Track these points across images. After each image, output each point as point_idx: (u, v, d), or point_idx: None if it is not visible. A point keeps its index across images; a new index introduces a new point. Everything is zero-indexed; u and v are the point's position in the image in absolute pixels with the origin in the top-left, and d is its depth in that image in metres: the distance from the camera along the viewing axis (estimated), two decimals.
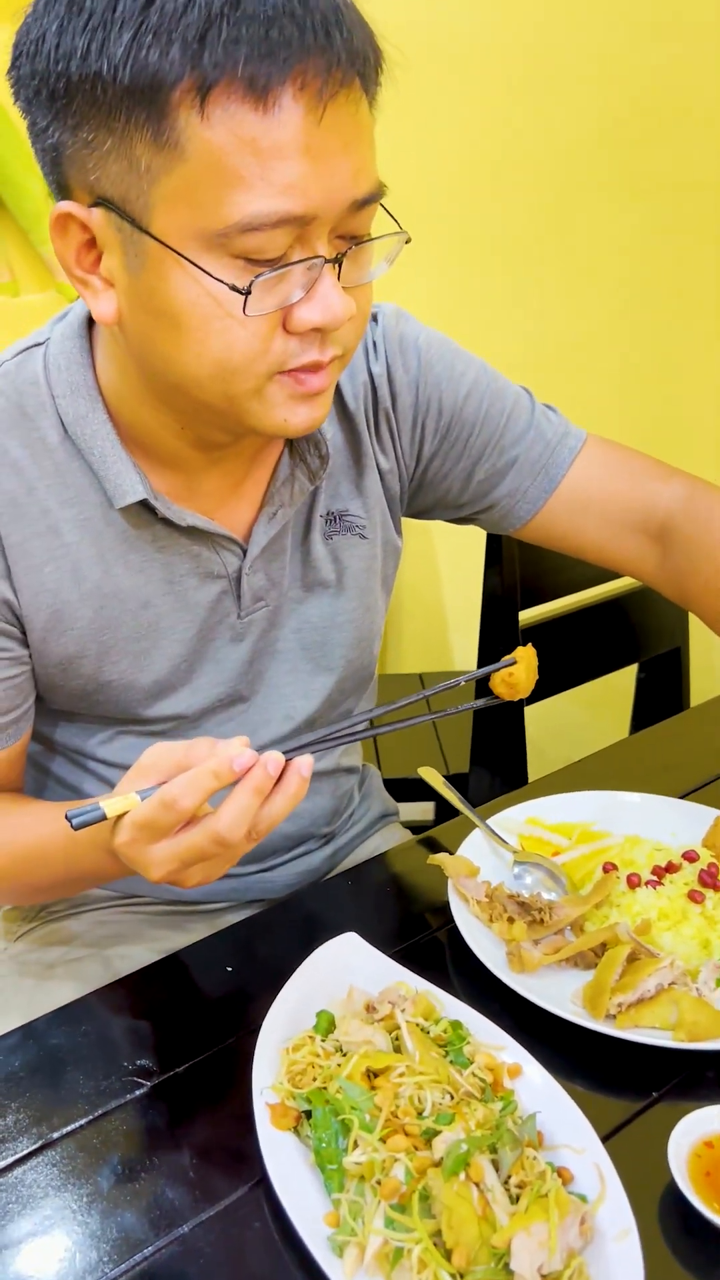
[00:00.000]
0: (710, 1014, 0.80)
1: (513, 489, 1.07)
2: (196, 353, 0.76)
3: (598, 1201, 0.67)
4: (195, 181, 0.69)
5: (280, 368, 0.77)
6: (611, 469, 1.07)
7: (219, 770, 0.72)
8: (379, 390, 1.01)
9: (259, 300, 0.73)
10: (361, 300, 0.80)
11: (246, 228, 0.70)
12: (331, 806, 1.20)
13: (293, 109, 0.67)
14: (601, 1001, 0.81)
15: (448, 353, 1.04)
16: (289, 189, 0.69)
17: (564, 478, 1.07)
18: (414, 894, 1.00)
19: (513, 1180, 0.67)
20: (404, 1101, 0.71)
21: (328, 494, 1.02)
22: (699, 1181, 0.69)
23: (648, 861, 0.95)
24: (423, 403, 1.03)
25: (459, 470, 1.07)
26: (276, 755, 0.73)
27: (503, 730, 1.61)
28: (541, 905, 0.90)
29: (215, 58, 0.65)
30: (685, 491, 1.05)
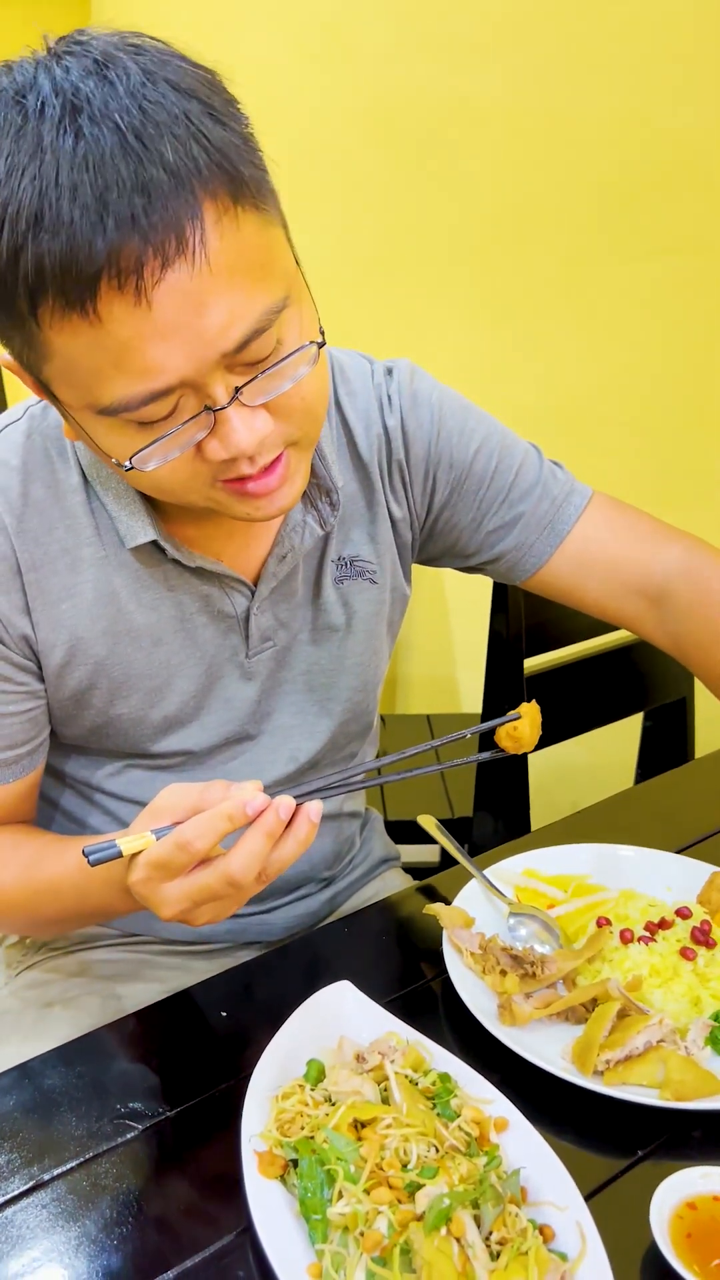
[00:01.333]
0: (697, 1074, 0.81)
1: (519, 543, 1.10)
2: (135, 482, 0.81)
3: (578, 1260, 0.68)
4: (65, 373, 0.72)
5: (216, 479, 0.79)
6: (614, 529, 1.10)
7: (233, 813, 0.74)
8: (393, 442, 1.04)
9: (159, 454, 0.75)
10: (296, 399, 0.78)
11: (120, 409, 0.71)
12: (333, 850, 1.21)
13: (118, 309, 0.67)
14: (590, 1058, 0.82)
15: (459, 409, 1.07)
16: (145, 372, 0.69)
17: (568, 534, 1.09)
18: (410, 942, 1.01)
19: (494, 1236, 0.67)
20: (389, 1153, 0.72)
21: (340, 539, 1.04)
22: (680, 1243, 0.69)
23: (641, 917, 0.96)
24: (435, 456, 1.06)
25: (468, 522, 1.09)
26: (288, 800, 0.76)
27: (506, 776, 1.62)
28: (534, 959, 0.91)
29: (30, 280, 0.67)
30: (684, 554, 1.07)
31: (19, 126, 0.66)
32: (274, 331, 0.73)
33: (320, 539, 1.03)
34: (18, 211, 0.65)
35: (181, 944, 1.16)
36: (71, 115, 0.65)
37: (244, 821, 0.74)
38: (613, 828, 1.16)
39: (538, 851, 1.09)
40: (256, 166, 0.72)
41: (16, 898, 0.95)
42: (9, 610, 0.92)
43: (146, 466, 0.75)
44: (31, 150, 0.65)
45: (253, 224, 0.71)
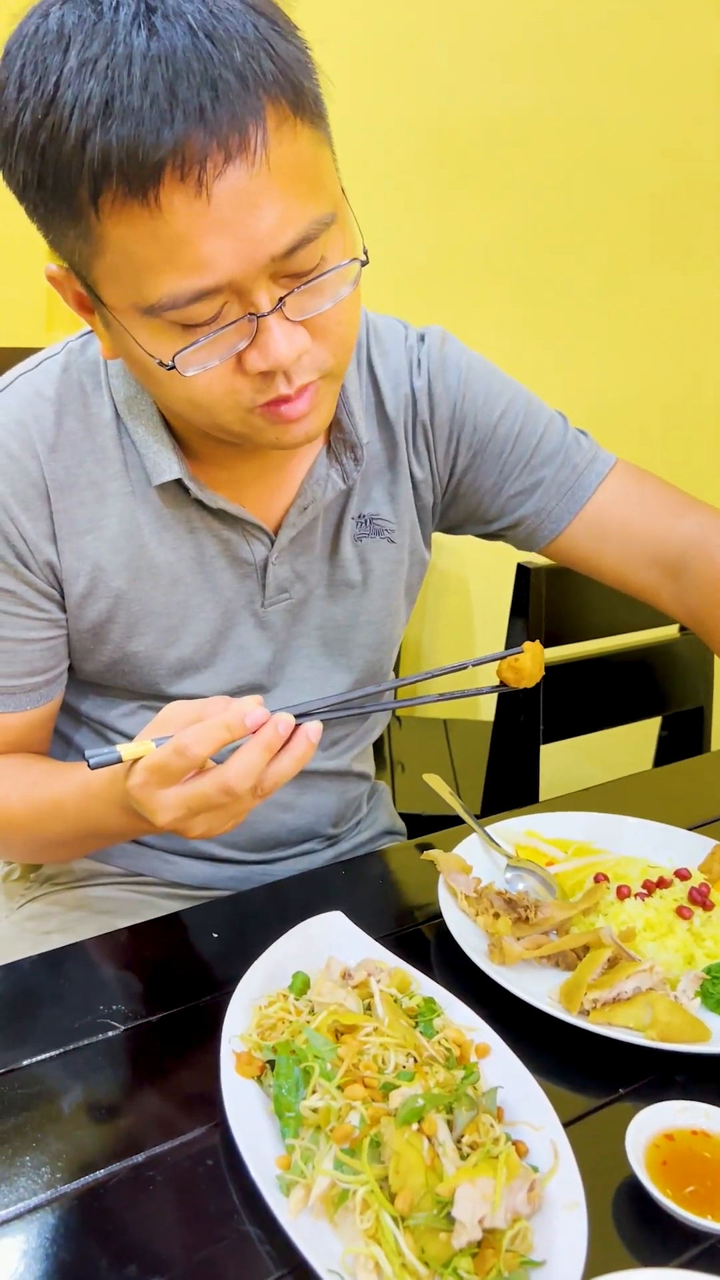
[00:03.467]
0: (684, 1018, 0.80)
1: (539, 508, 1.10)
2: (170, 395, 0.81)
3: (550, 1173, 0.67)
4: (116, 268, 0.73)
5: (253, 404, 0.80)
6: (634, 499, 1.10)
7: (231, 723, 0.75)
8: (419, 404, 1.06)
9: (200, 360, 0.76)
10: (331, 323, 0.79)
11: (168, 306, 0.73)
12: (338, 807, 1.22)
13: (178, 199, 0.68)
14: (577, 996, 0.81)
15: (487, 373, 1.09)
16: (197, 267, 0.71)
17: (588, 501, 1.09)
18: (405, 888, 1.01)
19: (465, 1139, 0.67)
20: (367, 1058, 0.71)
21: (361, 497, 1.05)
22: (655, 1170, 0.69)
23: (639, 876, 0.96)
24: (459, 418, 1.07)
25: (489, 486, 1.10)
26: (287, 716, 0.76)
27: (516, 775, 1.61)
28: (528, 904, 0.91)
29: (95, 166, 0.69)
30: (701, 525, 1.07)
31: (93, 23, 0.68)
32: (319, 245, 0.75)
33: (342, 494, 1.04)
34: (88, 100, 0.67)
35: (184, 887, 1.16)
36: (146, 13, 0.68)
37: (243, 733, 0.75)
38: (622, 804, 1.15)
39: (541, 815, 1.09)
40: (315, 84, 0.75)
41: (20, 816, 0.96)
42: (36, 537, 0.93)
43: (187, 371, 0.77)
44: (104, 44, 0.67)
45: (308, 137, 0.73)
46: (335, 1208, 0.64)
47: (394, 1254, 0.61)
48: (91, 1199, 0.67)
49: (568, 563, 1.13)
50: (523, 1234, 0.63)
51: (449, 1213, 0.61)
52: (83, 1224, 0.65)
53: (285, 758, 0.77)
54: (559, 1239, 0.63)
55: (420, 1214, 0.62)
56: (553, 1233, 0.64)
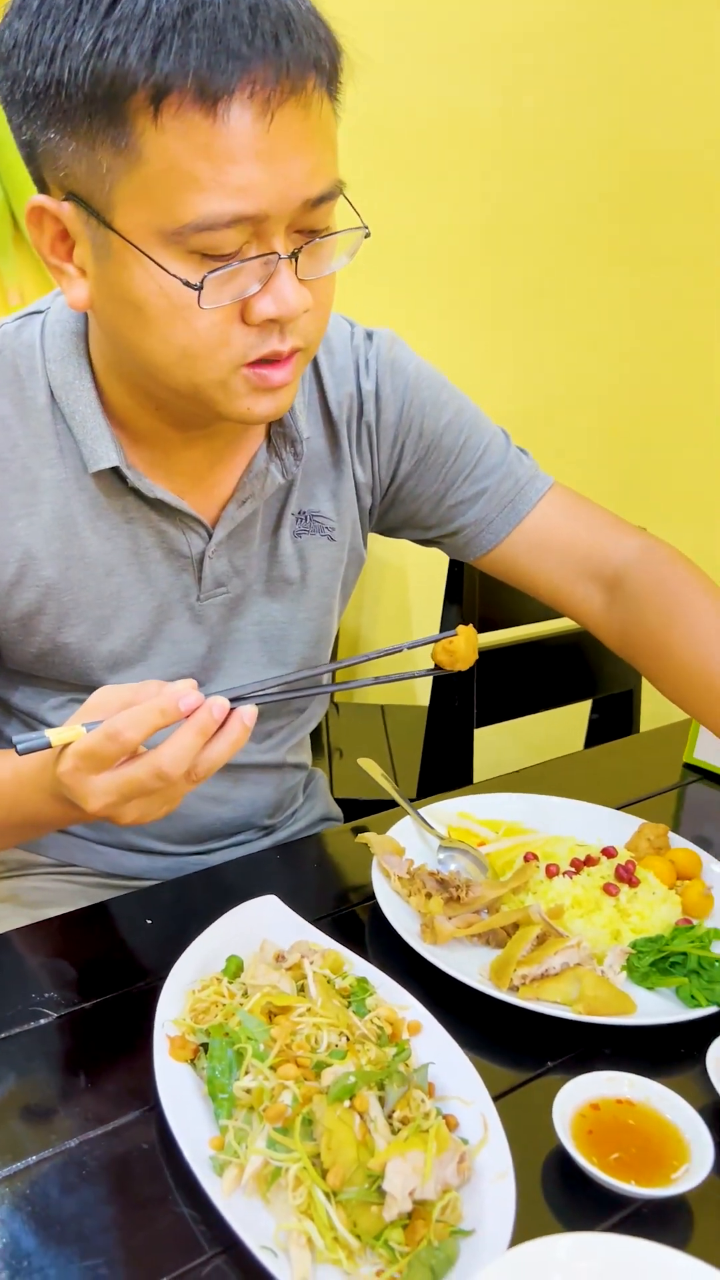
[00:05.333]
0: (611, 991, 0.82)
1: (479, 518, 1.12)
2: (161, 340, 0.80)
3: (479, 1145, 0.69)
4: (152, 183, 0.72)
5: (242, 360, 0.81)
6: (574, 515, 1.12)
7: (165, 707, 0.74)
8: (365, 405, 1.06)
9: (214, 294, 0.76)
10: (322, 293, 0.82)
11: (201, 227, 0.73)
12: (274, 799, 1.22)
13: (242, 115, 0.70)
14: (507, 973, 0.83)
15: (435, 382, 1.10)
16: (241, 191, 0.72)
17: (529, 514, 1.11)
18: (339, 872, 1.02)
19: (397, 1115, 0.68)
20: (300, 1038, 0.72)
21: (302, 494, 1.05)
22: (581, 1138, 0.70)
23: (568, 855, 0.98)
24: (405, 423, 1.07)
25: (431, 493, 1.11)
26: (222, 700, 0.76)
27: (451, 758, 1.63)
28: (459, 883, 0.92)
29: (167, 67, 0.69)
30: (640, 546, 1.10)
31: None
32: (332, 209, 0.79)
33: (282, 489, 1.04)
34: (164, 7, 0.69)
35: (118, 878, 1.16)
36: None
37: (176, 717, 0.75)
38: (553, 786, 1.17)
39: (474, 796, 1.11)
40: (341, 73, 0.78)
41: None
42: None
43: (204, 303, 0.76)
44: None
45: (331, 112, 0.77)
46: (268, 1186, 0.64)
47: (326, 1228, 0.62)
48: (26, 1186, 0.67)
49: (502, 574, 1.15)
50: (453, 1205, 0.64)
51: (380, 1186, 0.62)
52: (16, 1211, 0.65)
53: (220, 741, 0.76)
54: (488, 1208, 0.64)
55: (352, 1188, 0.63)
56: (482, 1202, 0.65)
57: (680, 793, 1.25)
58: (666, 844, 1.02)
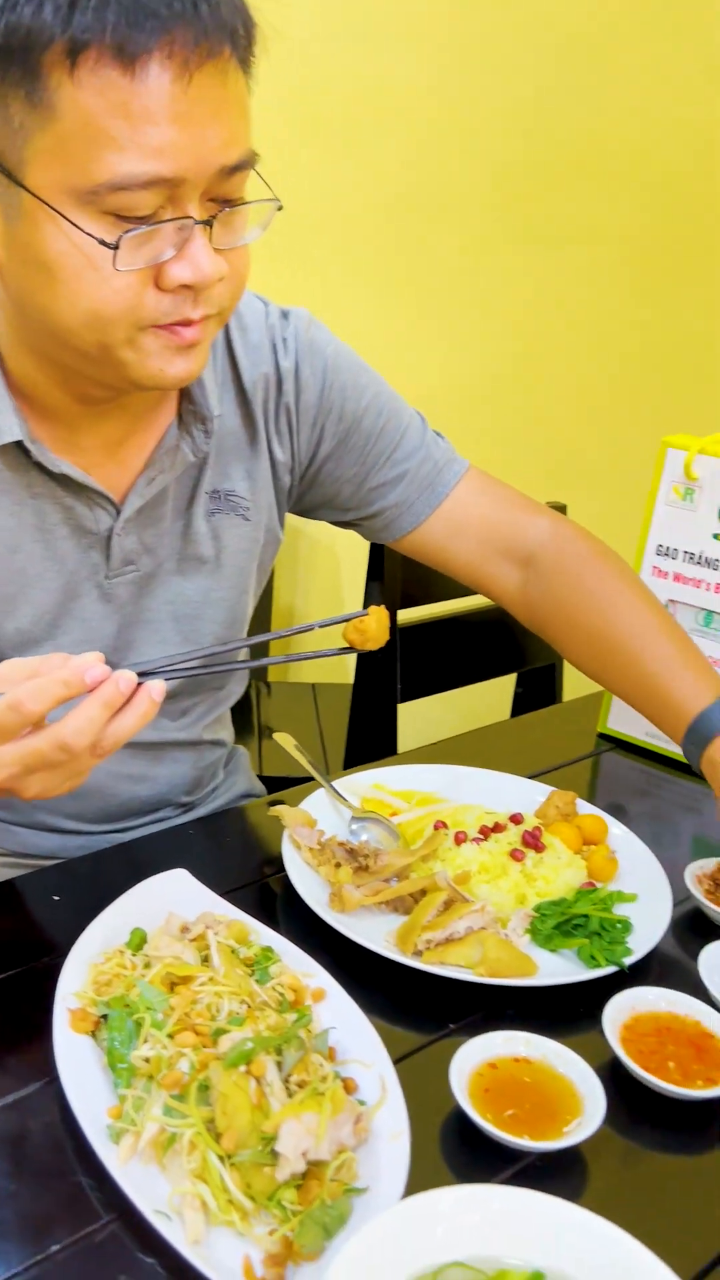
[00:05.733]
0: (513, 954, 0.83)
1: (400, 500, 1.13)
2: (70, 303, 0.78)
3: (376, 1105, 0.70)
4: (67, 140, 0.72)
5: (153, 323, 0.80)
6: (489, 497, 1.15)
7: (70, 679, 0.73)
8: (284, 384, 1.05)
9: (129, 256, 0.76)
10: (237, 263, 0.82)
11: (116, 186, 0.72)
12: (192, 776, 1.21)
13: (160, 76, 0.70)
14: (411, 938, 0.84)
15: (354, 365, 1.10)
16: (158, 152, 0.72)
17: (447, 496, 1.13)
18: (252, 845, 1.03)
19: (294, 1079, 0.69)
20: (200, 1007, 0.73)
21: (216, 472, 1.04)
22: (478, 1097, 0.72)
23: (476, 823, 0.99)
24: (325, 405, 1.07)
25: (350, 475, 1.11)
26: (129, 674, 0.75)
27: (375, 733, 1.64)
28: (368, 852, 0.93)
29: (85, 22, 0.69)
30: (552, 525, 1.14)
31: None
32: (245, 180, 0.79)
33: (195, 467, 1.03)
34: None
35: (30, 857, 1.15)
36: None
37: (80, 690, 0.74)
38: (471, 757, 1.18)
39: (388, 768, 1.11)
40: (255, 46, 0.79)
41: None
42: None
43: (119, 264, 0.75)
44: None
45: (245, 83, 0.78)
46: (164, 1152, 0.65)
47: (219, 1190, 0.62)
48: None
49: (419, 555, 1.16)
50: (348, 1164, 0.65)
51: (274, 1148, 0.63)
52: None
53: (126, 716, 0.75)
54: (383, 1167, 0.66)
55: (245, 1151, 0.63)
56: (377, 1161, 0.66)
57: (594, 761, 1.27)
58: (574, 810, 1.04)
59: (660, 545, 1.21)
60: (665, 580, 1.22)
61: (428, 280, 2.25)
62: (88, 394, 0.91)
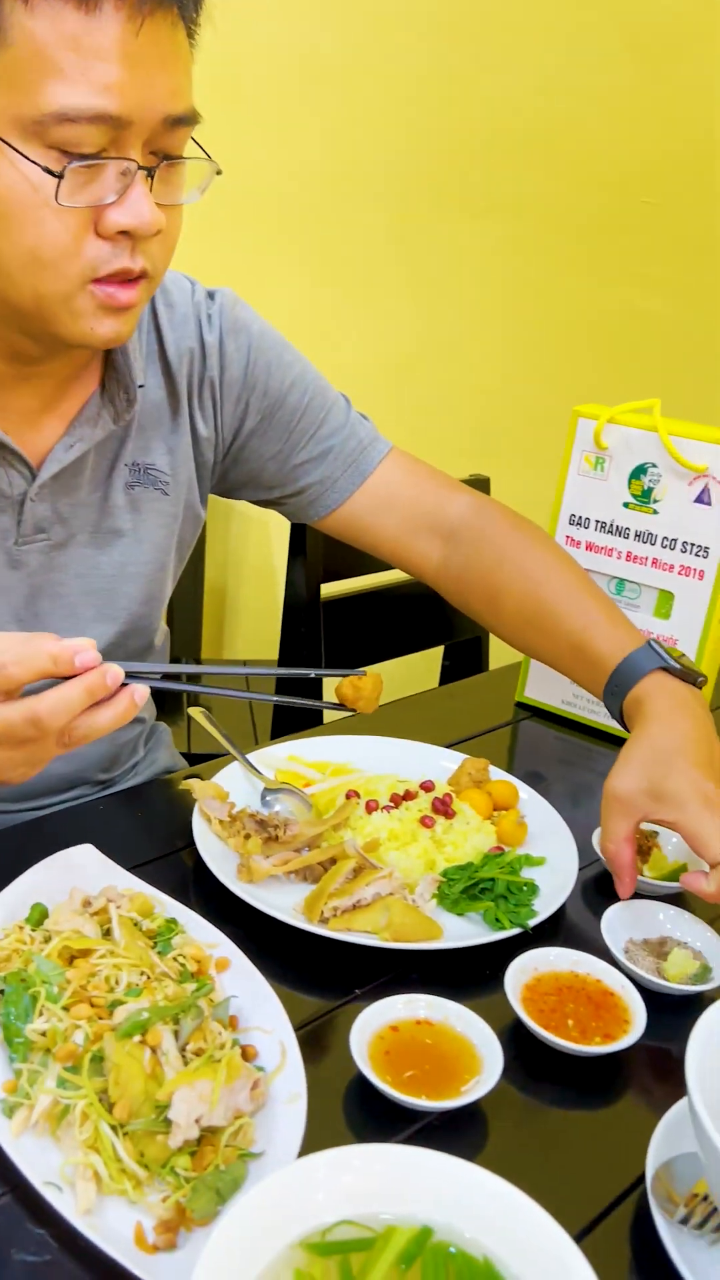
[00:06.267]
0: (418, 918, 0.84)
1: (324, 476, 1.14)
2: (12, 241, 0.79)
3: (275, 1071, 0.70)
4: (17, 68, 0.73)
5: (91, 274, 0.80)
6: (413, 475, 1.17)
7: (58, 656, 0.71)
8: (209, 359, 1.06)
9: (71, 192, 0.76)
10: (172, 224, 0.84)
11: (63, 118, 0.73)
12: (110, 753, 1.20)
13: (113, 15, 0.72)
14: (318, 905, 0.84)
15: (277, 343, 1.11)
16: (106, 89, 0.73)
17: (373, 473, 1.15)
18: (164, 820, 1.02)
19: (190, 1047, 0.68)
20: (99, 980, 0.72)
21: (137, 445, 1.04)
22: (378, 1059, 0.72)
23: (388, 791, 0.99)
24: (250, 381, 1.08)
25: (274, 452, 1.12)
26: (118, 670, 0.73)
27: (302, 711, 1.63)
28: (278, 823, 0.93)
29: None
30: (473, 500, 1.16)
31: None
32: (188, 136, 0.81)
33: (115, 438, 1.02)
34: None
35: None
36: None
37: (67, 670, 0.72)
38: (392, 728, 1.18)
39: (304, 740, 1.11)
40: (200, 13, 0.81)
41: None
42: None
43: (61, 198, 0.76)
44: None
45: (189, 51, 0.80)
46: (57, 1124, 0.64)
47: (111, 1160, 0.62)
48: None
49: (343, 533, 1.17)
50: (244, 1129, 0.65)
51: (166, 1115, 0.63)
52: None
53: (106, 710, 0.74)
54: (278, 1131, 0.66)
55: (139, 1120, 0.63)
56: (273, 1125, 0.66)
57: (513, 729, 1.28)
58: (486, 777, 1.04)
59: (573, 515, 1.22)
60: (578, 549, 1.22)
61: (350, 255, 2.24)
62: (18, 352, 0.91)
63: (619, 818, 0.88)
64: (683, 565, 1.15)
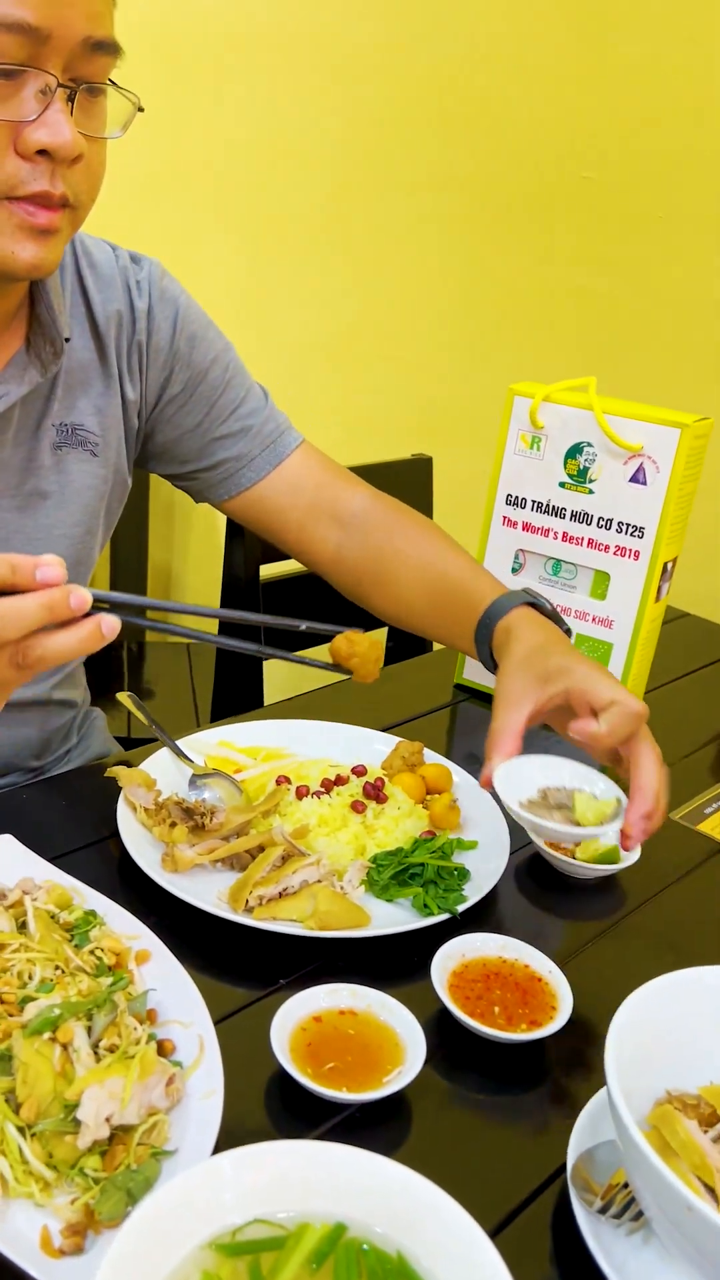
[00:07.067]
0: (344, 906, 0.82)
1: (240, 453, 1.14)
2: None
3: (192, 1067, 0.68)
4: None
5: (8, 192, 0.79)
6: (322, 465, 1.19)
7: (18, 565, 0.65)
8: (138, 323, 1.05)
9: None
10: (95, 157, 0.83)
11: None
12: (39, 739, 1.18)
13: None
14: (242, 894, 0.83)
15: (203, 319, 1.12)
16: (24, 1, 0.73)
17: (288, 458, 1.16)
18: (88, 809, 0.99)
19: (104, 1043, 0.67)
20: (11, 975, 0.70)
21: (64, 405, 1.01)
22: (300, 1051, 0.71)
23: (320, 776, 0.97)
24: (175, 350, 1.07)
25: (192, 425, 1.12)
26: (85, 594, 0.67)
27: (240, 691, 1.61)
28: (205, 810, 0.91)
29: None
30: (370, 495, 1.18)
31: None
32: (109, 68, 0.81)
33: (41, 398, 0.99)
34: None
35: None
36: None
37: (26, 581, 0.66)
38: (329, 711, 1.17)
39: (235, 725, 1.09)
40: None
41: None
42: None
43: None
44: None
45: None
46: None
47: (17, 1162, 0.60)
48: None
49: (247, 516, 1.17)
50: (159, 1127, 0.64)
51: (75, 1115, 0.61)
52: None
53: (68, 634, 0.67)
54: (192, 1128, 0.64)
55: (47, 1120, 0.61)
56: (188, 1122, 0.65)
57: (451, 711, 1.27)
58: (420, 760, 1.03)
59: (509, 495, 1.20)
60: (515, 530, 1.21)
61: (291, 230, 2.20)
62: None
63: (510, 710, 0.88)
64: (618, 545, 1.14)
